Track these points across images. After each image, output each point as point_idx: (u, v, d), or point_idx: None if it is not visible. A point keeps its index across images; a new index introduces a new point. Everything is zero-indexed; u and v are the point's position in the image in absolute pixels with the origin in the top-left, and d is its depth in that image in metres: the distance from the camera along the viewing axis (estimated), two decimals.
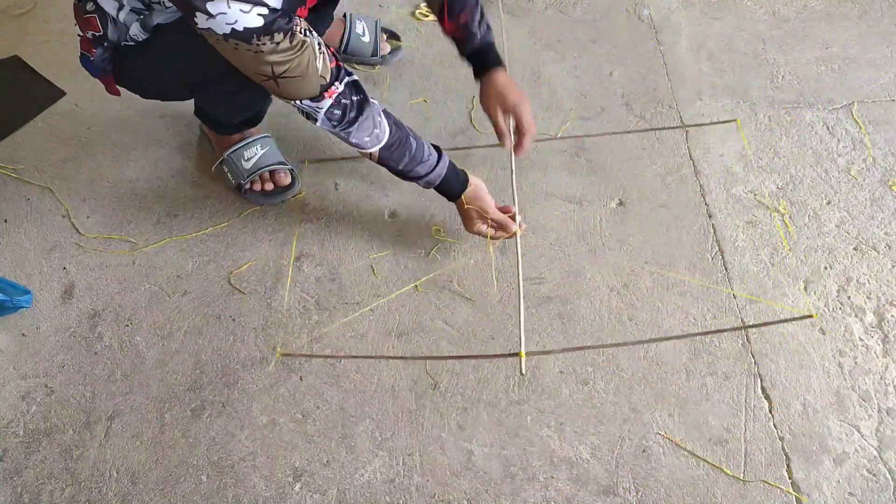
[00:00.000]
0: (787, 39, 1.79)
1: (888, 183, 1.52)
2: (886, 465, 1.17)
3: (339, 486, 1.16)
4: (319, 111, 1.10)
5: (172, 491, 1.15)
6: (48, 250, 1.41)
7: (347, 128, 1.14)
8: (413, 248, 1.42)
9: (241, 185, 1.45)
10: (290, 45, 0.98)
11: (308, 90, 1.06)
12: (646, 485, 1.16)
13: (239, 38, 0.93)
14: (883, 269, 1.40)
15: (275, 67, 0.99)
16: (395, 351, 1.29)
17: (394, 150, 1.21)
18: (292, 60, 1.00)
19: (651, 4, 1.87)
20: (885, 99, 1.66)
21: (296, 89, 1.05)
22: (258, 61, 0.97)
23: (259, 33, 0.93)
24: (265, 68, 0.99)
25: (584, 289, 1.37)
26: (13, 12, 1.82)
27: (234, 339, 1.30)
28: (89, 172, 1.53)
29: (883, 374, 1.27)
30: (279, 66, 0.99)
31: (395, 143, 1.20)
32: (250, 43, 0.94)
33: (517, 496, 1.15)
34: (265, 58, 0.97)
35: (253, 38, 0.93)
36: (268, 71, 0.99)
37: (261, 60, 0.97)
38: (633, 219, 1.47)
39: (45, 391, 1.25)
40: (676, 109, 1.65)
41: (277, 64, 0.99)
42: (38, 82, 1.67)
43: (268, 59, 0.97)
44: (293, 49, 0.99)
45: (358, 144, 1.18)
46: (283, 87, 1.03)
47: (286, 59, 0.99)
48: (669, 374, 1.27)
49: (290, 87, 1.04)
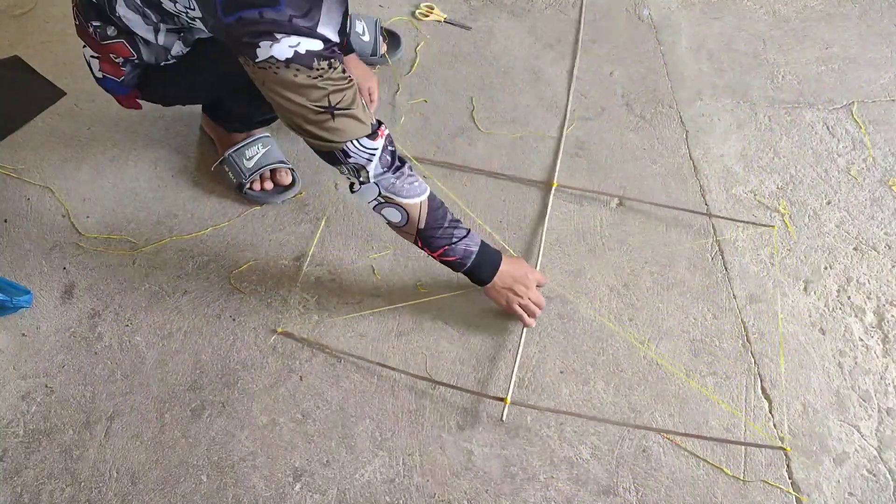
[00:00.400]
0: (787, 39, 1.79)
1: (888, 183, 1.52)
2: (886, 465, 1.18)
3: (339, 486, 1.16)
4: (375, 153, 1.06)
5: (172, 491, 1.15)
6: (48, 250, 1.41)
7: (398, 173, 1.11)
8: (413, 248, 1.42)
9: (241, 184, 1.45)
10: (343, 74, 0.98)
11: (363, 127, 1.04)
12: (646, 485, 1.16)
13: (300, 62, 0.93)
14: (883, 269, 1.40)
15: (331, 97, 0.98)
16: (395, 350, 1.29)
17: (438, 203, 1.16)
18: (346, 91, 0.99)
19: (651, 4, 1.87)
20: (885, 99, 1.66)
21: (353, 125, 1.03)
22: (316, 90, 0.96)
23: (319, 57, 0.94)
24: (323, 99, 0.97)
25: (584, 289, 1.37)
26: (13, 12, 1.82)
27: (234, 339, 1.30)
28: (89, 172, 1.53)
29: (883, 374, 1.27)
30: (336, 96, 0.98)
31: (436, 197, 1.16)
32: (311, 68, 0.94)
33: (517, 496, 1.15)
34: (323, 84, 0.96)
35: (314, 62, 0.94)
36: (325, 102, 0.98)
37: (319, 88, 0.96)
38: (633, 219, 1.47)
39: (45, 391, 1.25)
40: (676, 109, 1.65)
41: (335, 92, 0.98)
42: (38, 82, 1.67)
43: (325, 85, 0.96)
44: (346, 79, 0.99)
45: (407, 190, 1.12)
46: (339, 122, 1.01)
47: (342, 87, 0.98)
48: (669, 374, 1.27)
49: (348, 123, 1.02)
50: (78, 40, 1.23)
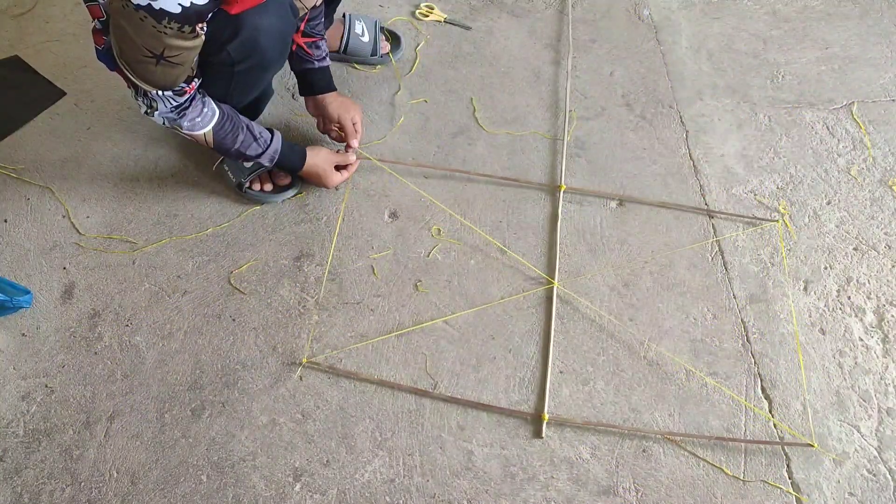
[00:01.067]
0: (787, 39, 1.79)
1: (888, 183, 1.52)
2: (886, 465, 1.18)
3: (339, 486, 1.16)
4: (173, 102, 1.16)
5: (172, 491, 1.15)
6: (48, 250, 1.41)
7: (183, 113, 1.19)
8: (413, 248, 1.42)
9: (241, 184, 1.45)
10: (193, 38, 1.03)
11: (178, 80, 1.12)
12: (646, 485, 1.16)
13: (150, 14, 0.96)
14: (883, 269, 1.40)
15: (167, 50, 1.03)
16: (395, 350, 1.29)
17: (227, 131, 1.26)
18: (183, 50, 1.04)
19: (651, 4, 1.87)
20: (885, 99, 1.66)
21: (170, 77, 1.10)
22: (155, 39, 1.01)
23: (172, 18, 0.97)
24: (157, 46, 1.02)
25: (584, 289, 1.37)
26: (13, 12, 1.82)
27: (234, 339, 1.30)
28: (89, 172, 1.53)
29: (883, 374, 1.27)
30: (171, 51, 1.03)
31: (226, 122, 1.25)
32: (159, 23, 0.98)
33: (517, 496, 1.15)
34: (164, 39, 1.01)
35: (164, 19, 0.97)
36: (157, 50, 1.03)
37: (159, 40, 1.01)
38: (633, 219, 1.47)
39: (45, 391, 1.25)
40: (676, 109, 1.65)
41: (170, 48, 1.03)
42: (38, 82, 1.67)
43: (166, 41, 1.01)
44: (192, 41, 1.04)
45: (191, 128, 1.22)
46: (160, 70, 1.07)
47: (181, 46, 1.03)
48: (669, 374, 1.27)
49: (169, 72, 1.09)
50: (77, 40, 1.24)
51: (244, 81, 1.28)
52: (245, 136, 1.29)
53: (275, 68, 1.32)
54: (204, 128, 1.23)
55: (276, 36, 1.19)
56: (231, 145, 1.28)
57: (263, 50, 1.18)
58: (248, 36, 1.13)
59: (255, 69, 1.23)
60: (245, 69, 1.21)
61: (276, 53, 1.23)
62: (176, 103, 1.17)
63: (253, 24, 1.12)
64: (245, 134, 1.29)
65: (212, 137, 1.25)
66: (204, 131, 1.24)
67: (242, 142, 1.29)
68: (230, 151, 1.30)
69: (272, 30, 1.17)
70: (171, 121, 1.21)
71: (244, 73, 1.23)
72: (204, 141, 1.25)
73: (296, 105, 1.64)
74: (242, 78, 1.25)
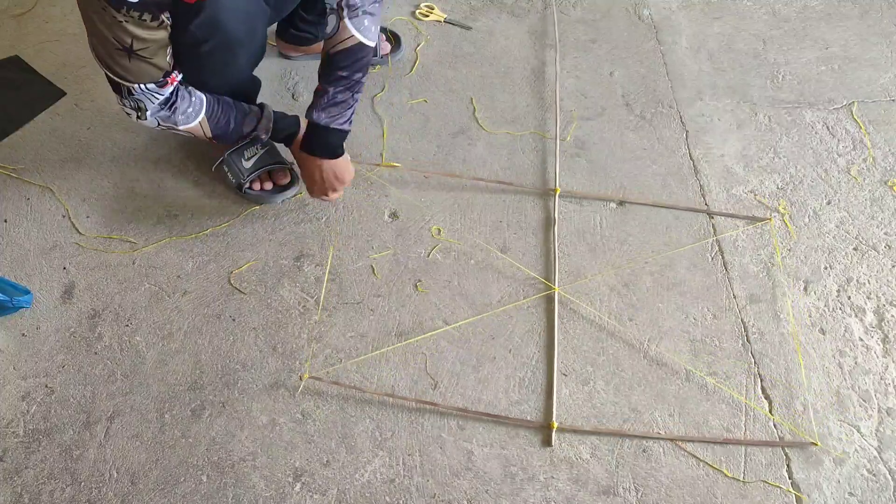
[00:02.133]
0: (787, 39, 1.79)
1: (888, 183, 1.52)
2: (886, 465, 1.18)
3: (339, 486, 1.16)
4: (160, 97, 1.16)
5: (172, 491, 1.15)
6: (48, 250, 1.41)
7: (172, 108, 1.19)
8: (413, 248, 1.42)
9: (241, 185, 1.45)
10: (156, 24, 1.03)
11: (155, 72, 1.12)
12: (646, 485, 1.16)
13: (109, 3, 0.97)
14: (883, 269, 1.40)
15: (135, 42, 1.03)
16: (395, 351, 1.29)
17: (217, 113, 1.26)
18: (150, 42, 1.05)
19: (651, 4, 1.87)
20: (885, 99, 1.66)
21: (144, 69, 1.10)
22: (120, 29, 1.01)
23: (131, 6, 0.98)
24: (124, 37, 1.02)
25: (584, 289, 1.37)
26: (13, 12, 1.82)
27: (234, 339, 1.30)
28: (89, 172, 1.53)
29: (883, 374, 1.27)
30: (138, 42, 1.04)
31: (214, 105, 1.26)
32: (118, 11, 0.98)
33: (517, 496, 1.15)
34: (129, 27, 1.01)
35: (123, 7, 0.98)
36: (126, 41, 1.03)
37: (123, 30, 1.01)
38: (633, 219, 1.47)
39: (45, 391, 1.25)
40: (676, 109, 1.65)
41: (137, 39, 1.03)
42: (38, 82, 1.67)
43: (131, 29, 1.01)
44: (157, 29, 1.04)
45: (186, 120, 1.22)
46: (133, 63, 1.07)
47: (147, 36, 1.04)
48: (669, 374, 1.27)
49: (140, 65, 1.09)
50: (77, 40, 1.24)
51: (213, 63, 1.26)
52: (236, 113, 1.30)
53: (245, 51, 1.28)
54: (197, 117, 1.24)
55: (241, 15, 1.19)
56: (227, 126, 1.29)
57: (226, 29, 1.17)
58: (211, 13, 1.13)
59: (221, 50, 1.21)
60: (210, 49, 1.19)
61: (240, 33, 1.21)
62: (161, 97, 1.17)
63: (216, 3, 1.13)
64: (235, 111, 1.30)
65: (207, 124, 1.26)
66: (198, 120, 1.24)
67: (236, 119, 1.29)
68: (228, 133, 1.30)
69: (235, 7, 1.17)
70: (164, 119, 1.21)
71: (210, 55, 1.21)
72: (202, 132, 1.26)
73: (295, 105, 1.64)
74: (209, 60, 1.23)
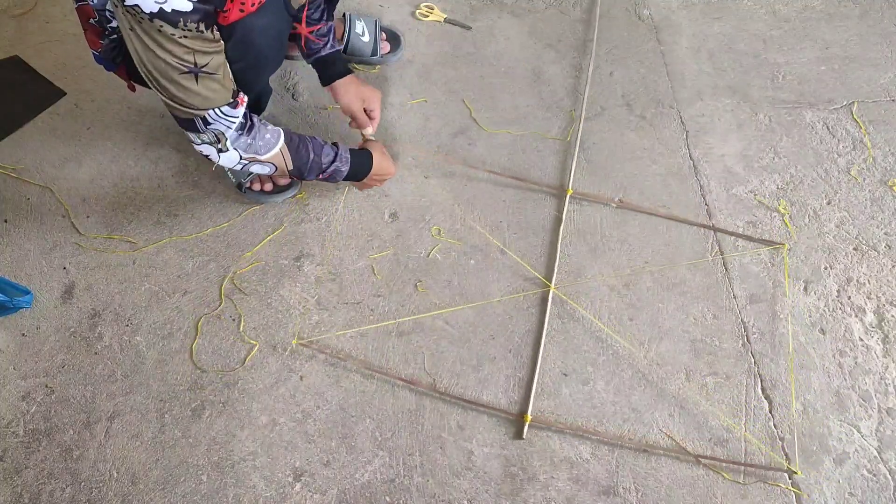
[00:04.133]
0: (787, 39, 1.79)
1: (888, 183, 1.52)
2: (886, 465, 1.18)
3: (340, 486, 1.16)
4: (235, 120, 1.10)
5: (172, 491, 1.15)
6: (48, 250, 1.41)
7: (251, 133, 1.14)
8: (413, 248, 1.42)
9: (241, 185, 1.45)
10: (214, 37, 0.99)
11: (225, 93, 1.06)
12: (646, 485, 1.16)
13: (165, 20, 0.92)
14: (883, 269, 1.40)
15: (197, 57, 0.98)
16: (395, 350, 1.29)
17: (296, 141, 1.22)
18: (213, 56, 1.00)
19: (651, 4, 1.87)
20: (885, 99, 1.66)
21: (217, 90, 1.05)
22: (181, 49, 0.96)
23: (187, 18, 0.93)
24: (188, 57, 0.98)
25: (584, 289, 1.37)
26: (13, 12, 1.82)
27: (234, 339, 1.30)
28: (89, 172, 1.53)
29: (883, 374, 1.27)
30: (202, 57, 0.99)
31: (290, 134, 1.22)
32: (175, 26, 0.93)
33: (517, 496, 1.15)
34: (189, 43, 0.96)
35: (180, 21, 0.93)
36: (190, 61, 0.98)
37: (184, 48, 0.96)
38: (634, 219, 1.47)
39: (45, 391, 1.25)
40: (676, 109, 1.65)
41: (200, 54, 0.98)
42: (38, 82, 1.67)
43: (191, 45, 0.97)
44: (215, 42, 0.99)
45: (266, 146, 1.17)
46: (202, 84, 1.02)
47: (208, 50, 0.99)
48: (669, 375, 1.27)
49: (210, 86, 1.03)
50: (78, 40, 1.23)
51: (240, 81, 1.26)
52: (313, 145, 1.25)
53: (271, 67, 1.31)
54: (277, 144, 1.19)
55: (272, 35, 1.18)
56: (307, 156, 1.23)
57: (259, 49, 1.17)
58: (243, 36, 1.12)
59: (252, 69, 1.22)
60: (241, 69, 1.19)
61: (272, 52, 1.22)
62: (237, 120, 1.11)
63: (248, 25, 1.10)
64: (311, 142, 1.25)
65: (287, 153, 1.21)
66: (279, 147, 1.19)
67: (315, 150, 1.25)
68: (308, 163, 1.24)
69: (268, 29, 1.15)
70: (246, 148, 1.15)
71: (240, 73, 1.21)
72: (283, 162, 1.21)
73: (296, 105, 1.64)
74: (239, 78, 1.23)
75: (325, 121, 1.61)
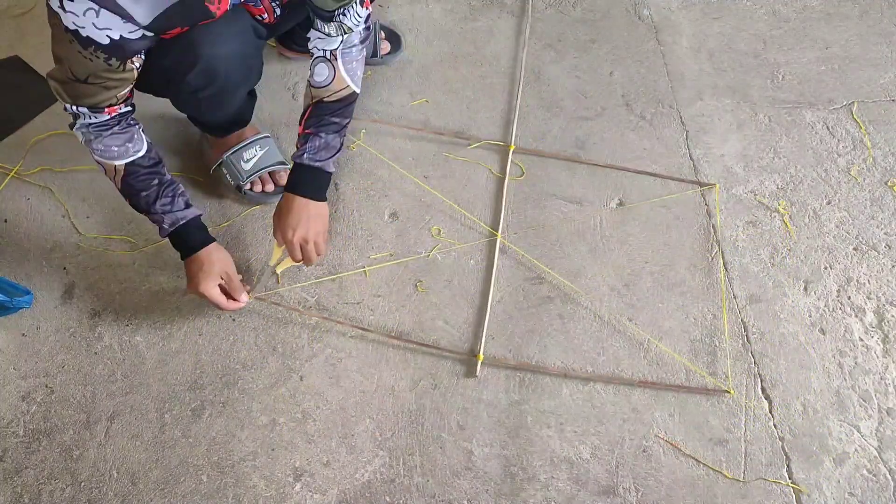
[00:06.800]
0: (787, 39, 1.79)
1: (888, 183, 1.52)
2: (886, 465, 1.18)
3: (340, 486, 1.16)
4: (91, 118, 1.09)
5: (172, 491, 1.15)
6: (48, 250, 1.41)
7: (102, 131, 1.12)
8: (413, 248, 1.42)
9: (240, 187, 1.45)
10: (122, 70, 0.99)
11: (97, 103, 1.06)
12: (646, 485, 1.16)
13: (77, 40, 0.93)
14: (883, 269, 1.40)
15: (91, 77, 0.99)
16: (395, 351, 1.29)
17: (140, 173, 1.16)
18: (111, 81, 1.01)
19: (651, 4, 1.87)
20: (885, 99, 1.66)
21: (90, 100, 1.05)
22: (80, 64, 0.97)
23: (99, 48, 0.94)
24: (81, 71, 0.98)
25: (584, 289, 1.37)
26: (13, 12, 1.82)
27: (234, 339, 1.30)
28: (89, 172, 1.52)
29: (883, 374, 1.27)
30: (95, 77, 0.99)
31: (145, 164, 1.17)
32: (85, 49, 0.94)
33: (517, 496, 1.15)
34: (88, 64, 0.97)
35: (91, 47, 0.94)
36: (81, 75, 0.99)
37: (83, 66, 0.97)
38: (633, 219, 1.47)
39: (45, 391, 1.25)
40: (676, 109, 1.65)
41: (94, 75, 0.99)
42: (38, 82, 1.67)
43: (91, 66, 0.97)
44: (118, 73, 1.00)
45: (102, 153, 1.14)
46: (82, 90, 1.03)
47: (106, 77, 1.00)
48: (670, 375, 1.27)
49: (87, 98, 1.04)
50: None
51: (212, 104, 1.25)
52: (161, 188, 1.19)
53: (243, 88, 1.29)
54: (117, 160, 1.15)
55: (236, 61, 1.15)
56: (140, 189, 1.17)
57: (225, 76, 1.15)
58: (207, 66, 1.10)
59: (220, 94, 1.20)
60: (209, 95, 1.18)
61: (238, 77, 1.20)
62: (91, 121, 1.10)
63: (211, 54, 1.08)
64: (163, 186, 1.19)
65: (122, 171, 1.16)
66: (115, 163, 1.15)
67: (154, 192, 1.18)
68: (135, 195, 1.18)
69: (231, 55, 1.13)
70: (84, 136, 1.13)
71: (210, 99, 1.20)
72: (113, 172, 1.16)
73: (295, 105, 1.64)
74: (209, 102, 1.23)
75: None
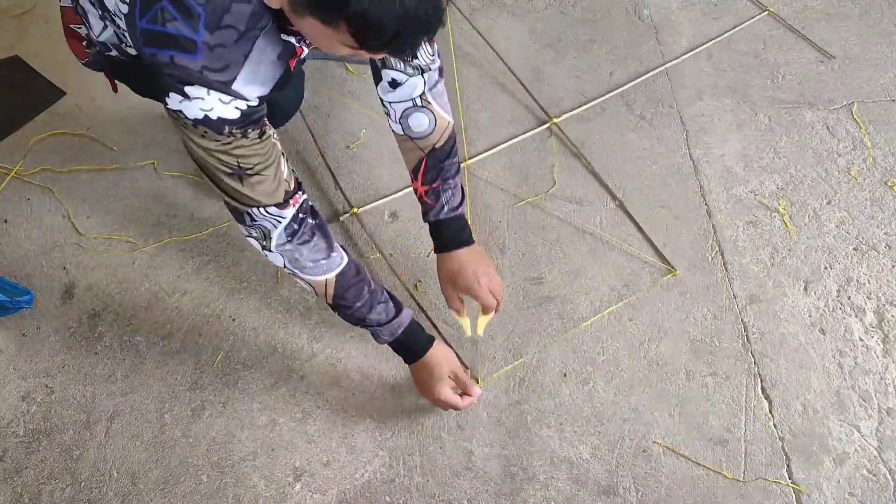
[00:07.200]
0: (787, 39, 1.79)
1: (888, 183, 1.52)
2: (886, 465, 1.18)
3: (340, 486, 1.16)
4: (282, 221, 1.00)
5: (172, 491, 1.15)
6: (48, 250, 1.41)
7: (301, 245, 1.03)
8: (413, 248, 1.42)
9: None
10: (261, 139, 0.94)
11: (275, 193, 0.98)
12: (646, 485, 1.16)
13: (209, 127, 0.88)
14: (883, 269, 1.40)
15: (241, 161, 0.93)
16: None
17: (351, 282, 1.08)
18: (261, 156, 0.94)
19: (651, 4, 1.87)
20: (885, 99, 1.66)
21: (263, 190, 0.97)
22: (224, 152, 0.92)
23: (233, 125, 0.89)
24: (230, 160, 0.92)
25: (584, 289, 1.37)
26: (13, 12, 1.82)
27: (234, 339, 1.30)
28: (89, 172, 1.53)
29: (883, 374, 1.27)
30: (246, 160, 0.93)
31: (351, 272, 1.07)
32: (220, 133, 0.89)
33: (517, 496, 1.15)
34: (233, 150, 0.91)
35: (225, 129, 0.89)
36: (233, 164, 0.93)
37: (227, 151, 0.92)
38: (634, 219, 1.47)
39: (45, 391, 1.25)
40: (676, 109, 1.65)
41: (244, 157, 0.93)
42: (38, 82, 1.67)
43: (235, 151, 0.92)
44: (262, 144, 0.94)
45: (311, 268, 1.05)
46: (247, 185, 0.95)
47: (254, 153, 0.94)
48: (669, 375, 1.27)
49: (257, 187, 0.96)
50: None
51: None
52: (372, 296, 1.10)
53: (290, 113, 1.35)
54: (326, 273, 1.06)
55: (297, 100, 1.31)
56: (354, 300, 1.08)
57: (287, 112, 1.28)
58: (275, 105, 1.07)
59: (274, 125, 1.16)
60: None
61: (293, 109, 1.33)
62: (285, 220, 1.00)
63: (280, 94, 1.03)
64: (373, 293, 1.10)
65: (333, 286, 1.07)
66: (325, 277, 1.06)
67: (367, 300, 1.09)
68: (351, 306, 1.09)
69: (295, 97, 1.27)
70: (291, 260, 1.03)
71: None
72: (324, 289, 1.07)
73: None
74: None
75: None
